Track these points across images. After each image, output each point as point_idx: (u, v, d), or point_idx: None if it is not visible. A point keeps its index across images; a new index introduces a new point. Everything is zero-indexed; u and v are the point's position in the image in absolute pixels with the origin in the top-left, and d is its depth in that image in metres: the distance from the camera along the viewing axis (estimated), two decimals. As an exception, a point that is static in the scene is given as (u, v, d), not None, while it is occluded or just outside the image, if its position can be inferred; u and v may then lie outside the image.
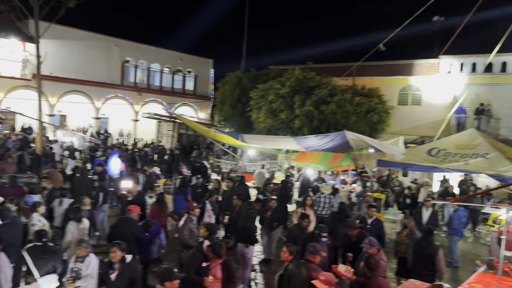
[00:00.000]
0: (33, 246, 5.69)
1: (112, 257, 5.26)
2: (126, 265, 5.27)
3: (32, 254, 5.55)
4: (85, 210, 7.89)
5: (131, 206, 7.34)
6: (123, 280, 5.21)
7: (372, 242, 6.41)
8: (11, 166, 12.72)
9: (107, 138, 25.29)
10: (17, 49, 24.53)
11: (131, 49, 30.70)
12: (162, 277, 4.55)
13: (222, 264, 5.75)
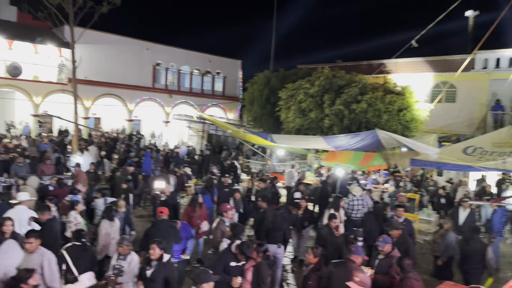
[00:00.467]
0: (72, 246, 5.89)
1: (151, 254, 5.34)
2: (162, 264, 5.34)
3: (71, 253, 5.74)
4: (120, 212, 8.10)
5: (161, 208, 7.42)
6: (158, 278, 5.28)
7: (386, 239, 6.33)
8: (49, 167, 13.23)
9: (139, 139, 25.87)
10: (53, 55, 25.51)
11: (162, 52, 31.32)
12: (198, 278, 4.52)
13: (254, 267, 5.74)
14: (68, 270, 5.76)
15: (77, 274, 5.68)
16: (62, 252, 5.82)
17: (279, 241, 7.85)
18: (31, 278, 4.31)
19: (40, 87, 24.89)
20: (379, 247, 6.21)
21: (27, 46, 24.27)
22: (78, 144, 19.07)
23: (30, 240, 5.19)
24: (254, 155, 22.43)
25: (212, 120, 21.69)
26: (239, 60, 36.86)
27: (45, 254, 5.25)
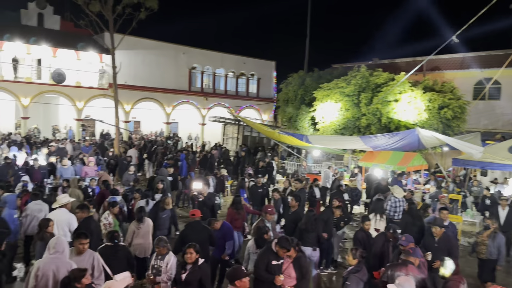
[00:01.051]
0: (105, 247, 6.01)
1: (187, 258, 5.33)
2: (197, 267, 5.33)
3: (104, 254, 5.82)
4: (167, 209, 8.30)
5: (193, 210, 7.49)
6: (193, 281, 5.27)
7: (408, 238, 6.14)
8: (92, 169, 13.75)
9: (177, 141, 26.41)
10: (94, 61, 26.52)
11: (198, 55, 31.88)
12: (231, 276, 4.57)
13: (293, 262, 5.73)
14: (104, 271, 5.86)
15: (111, 274, 5.78)
16: (96, 254, 5.90)
17: (313, 244, 7.76)
18: (84, 278, 4.42)
19: (82, 92, 25.95)
20: (402, 246, 6.05)
21: (70, 53, 25.37)
22: (119, 147, 19.70)
23: (83, 241, 5.36)
24: (289, 156, 22.35)
25: (247, 121, 21.82)
26: (273, 61, 36.90)
27: (93, 253, 5.45)
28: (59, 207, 7.29)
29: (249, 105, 34.95)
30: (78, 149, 18.27)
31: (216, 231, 7.31)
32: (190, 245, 5.36)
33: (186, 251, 5.30)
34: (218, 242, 7.30)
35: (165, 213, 8.33)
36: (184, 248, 5.34)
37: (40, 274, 4.77)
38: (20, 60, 24.05)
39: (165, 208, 8.30)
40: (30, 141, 20.49)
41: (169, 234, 8.59)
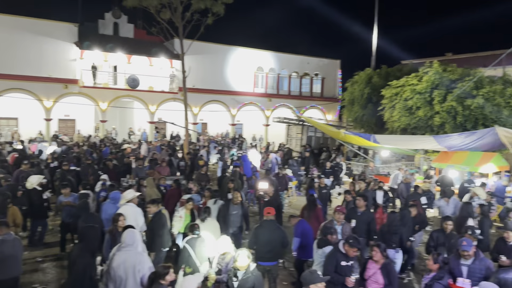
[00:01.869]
0: (191, 239, 6.31)
1: (239, 265, 5.12)
2: (249, 273, 5.18)
3: (191, 245, 6.17)
4: (238, 206, 8.53)
5: (268, 208, 7.47)
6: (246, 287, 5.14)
7: (469, 242, 5.79)
8: (165, 169, 14.41)
9: (242, 142, 26.89)
10: (165, 66, 27.87)
11: (262, 57, 32.25)
12: (306, 280, 4.48)
13: (381, 268, 5.57)
14: (188, 262, 6.11)
15: (199, 264, 6.04)
16: (185, 245, 6.24)
17: (396, 246, 7.49)
18: (168, 275, 4.57)
19: (154, 96, 27.38)
20: (465, 251, 5.66)
21: (143, 60, 26.89)
22: (188, 148, 20.48)
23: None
24: (356, 157, 21.76)
25: (311, 121, 21.60)
26: (338, 60, 36.23)
27: None
28: (127, 202, 7.75)
29: (313, 105, 34.64)
30: (153, 150, 19.24)
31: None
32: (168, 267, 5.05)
33: (237, 258, 5.12)
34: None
35: (236, 209, 8.50)
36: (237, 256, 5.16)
37: (115, 266, 5.07)
38: (98, 67, 25.93)
39: (235, 204, 8.47)
40: (108, 143, 21.96)
41: (241, 232, 8.76)
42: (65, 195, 9.18)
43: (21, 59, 23.18)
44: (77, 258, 5.18)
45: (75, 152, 17.07)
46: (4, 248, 5.71)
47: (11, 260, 5.78)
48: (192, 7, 18.84)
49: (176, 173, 14.98)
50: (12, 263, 5.81)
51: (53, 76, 24.25)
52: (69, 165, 12.59)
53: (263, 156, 22.52)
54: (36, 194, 9.31)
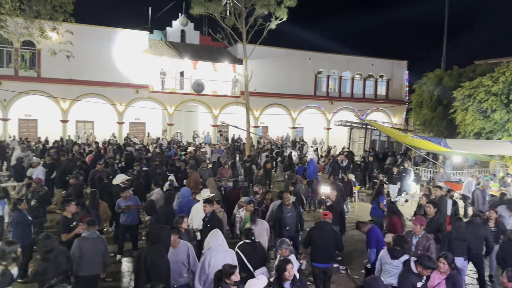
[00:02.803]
0: (243, 244, 6.24)
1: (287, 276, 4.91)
2: (297, 281, 4.98)
3: (243, 250, 6.11)
4: (291, 208, 8.52)
5: (326, 211, 7.43)
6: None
7: None
8: (227, 171, 14.75)
9: (302, 146, 26.74)
10: (228, 71, 28.55)
11: (324, 60, 31.89)
12: (368, 286, 4.40)
13: (447, 279, 5.30)
14: (242, 267, 6.00)
15: (252, 270, 6.00)
16: (237, 250, 6.15)
17: (464, 253, 7.04)
18: (233, 275, 4.63)
19: (218, 100, 28.15)
20: None
21: (207, 65, 27.76)
22: (249, 151, 20.80)
23: (173, 236, 5.75)
24: (424, 162, 20.73)
25: (375, 125, 20.97)
26: (405, 61, 34.83)
27: (187, 244, 5.93)
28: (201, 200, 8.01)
29: (377, 108, 33.59)
30: (216, 153, 19.78)
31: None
32: (288, 261, 5.00)
33: (286, 267, 4.85)
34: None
35: (290, 211, 8.51)
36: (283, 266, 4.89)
37: (213, 264, 5.40)
38: (166, 73, 27.19)
39: (287, 205, 8.48)
40: (175, 145, 22.93)
41: (296, 233, 8.74)
42: (124, 198, 8.84)
43: (97, 66, 24.94)
44: (156, 260, 5.23)
45: (144, 153, 17.97)
46: (85, 245, 6.00)
47: (91, 258, 5.99)
48: (255, 13, 19.18)
49: (239, 175, 15.26)
50: (92, 261, 6.00)
51: (125, 82, 25.83)
52: (140, 165, 13.28)
53: (324, 160, 22.27)
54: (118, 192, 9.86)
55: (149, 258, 5.27)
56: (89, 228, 6.14)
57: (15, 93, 23.00)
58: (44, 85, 23.73)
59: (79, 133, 26.41)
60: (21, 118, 26.06)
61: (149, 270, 5.23)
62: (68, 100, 24.61)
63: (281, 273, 4.82)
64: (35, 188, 9.30)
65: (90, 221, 6.25)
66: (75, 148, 18.60)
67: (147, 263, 5.26)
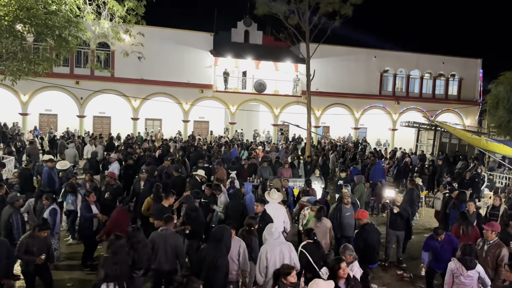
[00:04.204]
0: (307, 244, 6.28)
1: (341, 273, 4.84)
2: (352, 279, 4.96)
3: (308, 250, 6.14)
4: (349, 208, 8.42)
5: (359, 212, 7.28)
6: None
7: None
8: (287, 171, 14.73)
9: (365, 147, 25.99)
10: (290, 71, 28.51)
11: (390, 58, 30.74)
12: None
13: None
14: (308, 267, 6.08)
15: (318, 270, 5.96)
16: (301, 250, 6.23)
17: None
18: (290, 275, 4.61)
19: (279, 100, 28.24)
20: None
21: (269, 65, 27.93)
22: (310, 151, 20.61)
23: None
24: (500, 167, 19.24)
25: (446, 126, 19.86)
26: (479, 59, 32.53)
27: (240, 241, 6.03)
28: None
29: (448, 108, 31.74)
30: (275, 152, 19.85)
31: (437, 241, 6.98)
32: (341, 259, 4.97)
33: (340, 265, 4.77)
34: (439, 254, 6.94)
35: (349, 211, 8.33)
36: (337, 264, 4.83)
37: (269, 257, 5.60)
38: (230, 73, 27.77)
39: (346, 205, 8.37)
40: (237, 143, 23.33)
41: (353, 233, 8.54)
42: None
43: (165, 67, 26.12)
44: (218, 259, 5.28)
45: (204, 150, 18.46)
46: (159, 240, 6.10)
47: (163, 253, 6.05)
48: (319, 11, 18.95)
49: (299, 175, 15.17)
50: (164, 256, 6.06)
51: (191, 81, 26.77)
52: (203, 162, 13.68)
53: (389, 162, 21.45)
54: (196, 184, 10.26)
55: (209, 257, 5.34)
56: (166, 224, 6.30)
57: (91, 91, 24.77)
58: (117, 85, 25.30)
59: (148, 130, 27.82)
60: (96, 115, 27.99)
61: (209, 269, 5.27)
62: (139, 99, 26.03)
63: (336, 271, 4.71)
64: (109, 181, 9.93)
65: (168, 217, 6.46)
66: (144, 145, 19.60)
67: (207, 261, 5.32)
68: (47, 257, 6.36)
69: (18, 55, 10.83)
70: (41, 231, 6.23)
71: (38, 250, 6.15)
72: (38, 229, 6.23)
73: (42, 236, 6.25)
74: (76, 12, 11.06)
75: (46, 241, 6.40)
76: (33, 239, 6.19)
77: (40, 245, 6.21)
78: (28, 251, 6.13)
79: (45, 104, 26.23)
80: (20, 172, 11.27)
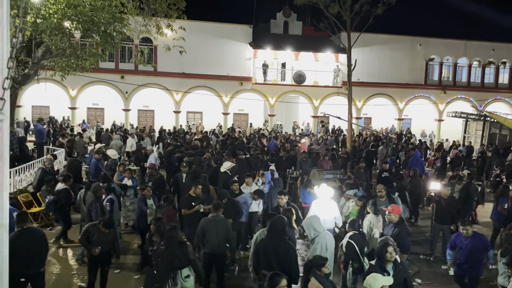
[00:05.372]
0: (354, 234, 6.30)
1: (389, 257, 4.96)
2: (400, 264, 5.06)
3: (355, 241, 6.18)
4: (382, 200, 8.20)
5: (392, 206, 6.97)
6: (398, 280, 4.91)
7: None
8: (327, 163, 14.54)
9: (409, 138, 25.18)
10: (330, 61, 28.01)
11: (437, 46, 29.46)
12: None
13: None
14: (354, 258, 6.12)
15: (366, 261, 6.00)
16: (349, 241, 6.23)
17: None
18: (324, 267, 4.64)
19: (318, 91, 27.86)
20: None
21: (309, 56, 27.57)
22: (351, 143, 20.24)
23: None
24: (557, 160, 18.04)
25: (497, 117, 18.88)
26: (535, 44, 30.50)
27: None
28: None
29: (498, 98, 30.09)
30: (316, 144, 19.64)
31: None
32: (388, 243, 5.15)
33: (387, 249, 4.97)
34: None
35: (382, 204, 8.11)
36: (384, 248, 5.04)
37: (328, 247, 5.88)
38: (269, 64, 27.69)
39: (380, 197, 8.21)
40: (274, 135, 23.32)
41: None
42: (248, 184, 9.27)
43: (205, 60, 26.41)
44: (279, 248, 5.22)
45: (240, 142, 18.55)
46: (209, 226, 6.32)
47: (214, 238, 6.25)
48: (362, -2, 18.46)
49: (339, 168, 14.95)
50: (215, 241, 6.25)
51: (231, 74, 26.96)
52: (243, 154, 13.77)
53: (435, 154, 20.68)
54: (227, 178, 10.45)
55: (270, 247, 5.26)
56: (215, 211, 6.49)
57: (135, 86, 25.53)
58: (159, 79, 25.92)
59: (189, 123, 28.38)
60: (140, 109, 28.87)
61: (271, 259, 5.19)
62: (180, 92, 26.56)
63: (383, 255, 4.92)
64: (151, 172, 10.23)
65: (216, 204, 6.64)
66: (186, 137, 20.00)
67: (268, 251, 5.22)
68: (111, 250, 6.42)
69: (66, 51, 11.33)
70: (104, 228, 6.25)
71: (97, 241, 6.19)
72: (103, 224, 6.26)
73: (104, 232, 6.26)
74: (120, 8, 11.41)
75: (110, 235, 6.37)
76: (96, 230, 6.25)
77: (102, 237, 6.23)
78: (89, 240, 6.23)
79: (92, 98, 27.35)
80: (69, 164, 11.85)
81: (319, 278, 4.57)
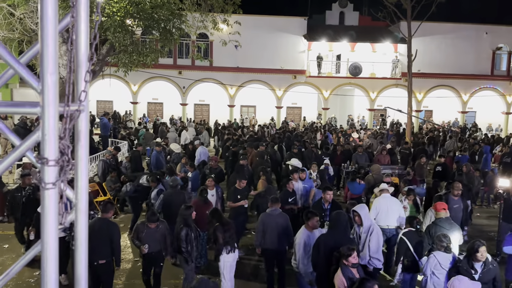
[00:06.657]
0: (409, 232, 6.12)
1: (479, 257, 4.90)
2: (490, 263, 4.94)
3: (409, 238, 6.00)
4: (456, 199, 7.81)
5: (438, 203, 6.56)
6: (486, 279, 4.99)
7: None
8: (385, 158, 14.09)
9: (473, 132, 23.75)
10: (389, 52, 26.97)
11: (504, 34, 27.41)
12: None
13: None
14: (406, 255, 5.95)
15: (417, 259, 5.81)
16: (402, 237, 6.07)
17: None
18: (351, 256, 4.63)
19: (375, 83, 26.98)
20: None
21: (366, 47, 26.73)
22: (411, 137, 19.45)
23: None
24: None
25: None
26: None
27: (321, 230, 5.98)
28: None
29: None
30: (373, 138, 19.09)
31: None
32: (480, 243, 4.97)
33: (479, 249, 4.86)
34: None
35: (457, 203, 7.73)
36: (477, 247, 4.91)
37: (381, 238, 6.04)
38: (323, 57, 27.23)
39: (455, 196, 7.77)
40: (329, 129, 22.97)
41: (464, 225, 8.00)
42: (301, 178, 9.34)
43: (259, 54, 26.49)
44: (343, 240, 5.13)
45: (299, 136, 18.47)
46: (268, 221, 6.29)
47: (273, 233, 6.19)
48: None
49: (397, 163, 14.43)
50: (274, 236, 6.19)
51: (285, 67, 26.86)
52: (297, 147, 13.72)
53: (502, 149, 19.37)
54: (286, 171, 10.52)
55: (330, 243, 5.20)
56: (273, 205, 6.45)
57: (192, 80, 26.24)
58: (215, 73, 26.44)
59: (243, 117, 28.71)
60: (196, 103, 29.64)
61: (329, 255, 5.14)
62: (235, 87, 26.91)
63: (473, 253, 4.88)
64: (212, 165, 10.51)
65: (274, 198, 6.63)
66: (244, 131, 20.28)
67: (328, 247, 5.17)
68: (162, 250, 6.10)
69: (129, 48, 11.88)
70: (148, 223, 6.01)
71: (145, 238, 5.93)
72: (147, 220, 6.07)
73: (151, 227, 5.99)
74: (179, 5, 11.75)
75: (159, 232, 6.03)
76: (146, 227, 6.02)
77: (150, 234, 5.97)
78: (139, 238, 6.00)
79: (152, 93, 28.49)
80: (131, 155, 12.47)
81: (345, 269, 4.59)
